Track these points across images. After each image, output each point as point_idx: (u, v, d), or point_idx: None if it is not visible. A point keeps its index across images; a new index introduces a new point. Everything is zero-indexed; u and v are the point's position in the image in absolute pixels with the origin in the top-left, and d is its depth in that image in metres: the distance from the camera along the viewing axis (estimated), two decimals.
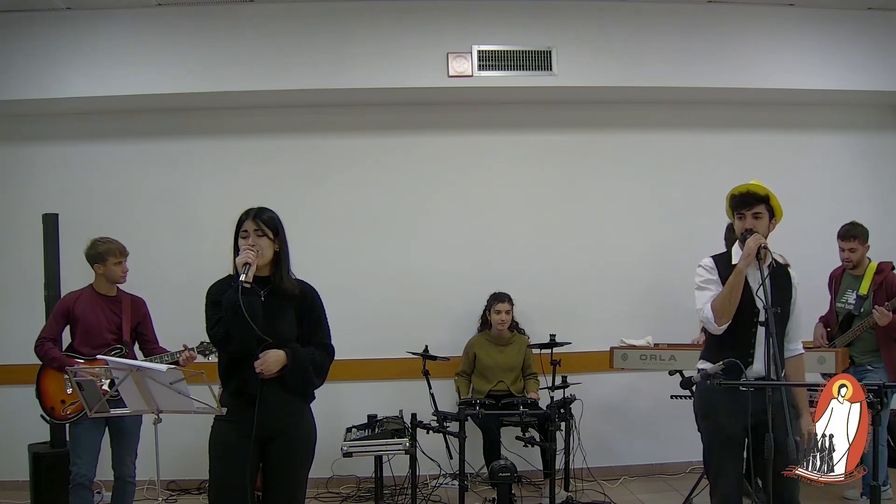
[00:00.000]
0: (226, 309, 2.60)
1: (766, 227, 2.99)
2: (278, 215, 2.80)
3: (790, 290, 3.04)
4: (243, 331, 2.56)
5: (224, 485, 2.66)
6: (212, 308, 2.71)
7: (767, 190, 3.00)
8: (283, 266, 2.77)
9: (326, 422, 4.88)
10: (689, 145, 5.43)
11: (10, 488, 4.83)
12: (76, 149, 5.19)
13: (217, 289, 2.74)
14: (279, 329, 2.69)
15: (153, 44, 4.85)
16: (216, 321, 2.65)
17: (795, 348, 3.08)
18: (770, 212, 3.01)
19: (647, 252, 5.31)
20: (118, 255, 3.85)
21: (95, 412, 2.83)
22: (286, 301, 2.75)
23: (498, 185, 5.33)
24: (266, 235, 2.71)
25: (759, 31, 5.13)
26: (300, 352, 2.73)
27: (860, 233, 4.32)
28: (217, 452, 2.69)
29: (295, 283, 2.81)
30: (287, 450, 2.75)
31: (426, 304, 5.20)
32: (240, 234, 2.74)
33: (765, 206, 3.00)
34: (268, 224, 2.72)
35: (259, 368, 2.62)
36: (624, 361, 4.58)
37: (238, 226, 2.75)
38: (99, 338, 3.81)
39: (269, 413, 2.65)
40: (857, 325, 4.26)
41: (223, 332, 2.62)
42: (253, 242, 2.68)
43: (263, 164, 5.23)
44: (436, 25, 4.98)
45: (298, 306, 2.79)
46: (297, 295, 2.79)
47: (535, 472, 4.91)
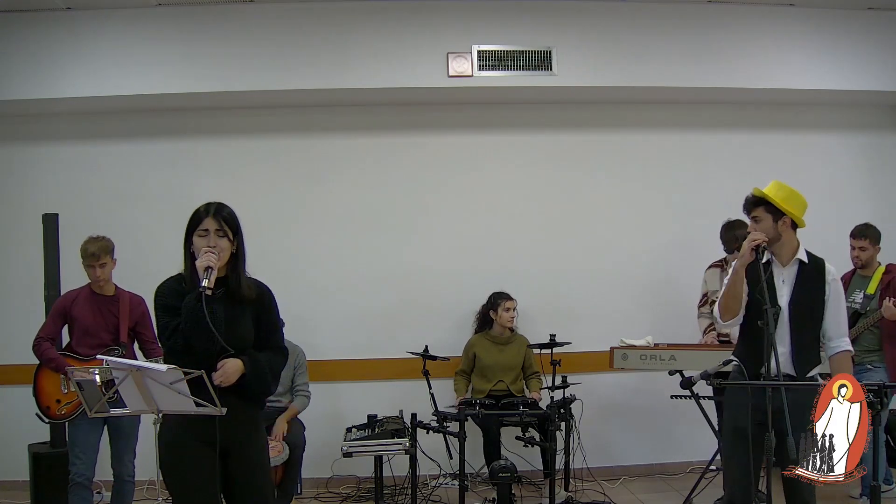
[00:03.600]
0: (186, 318, 2.40)
1: (769, 227, 3.01)
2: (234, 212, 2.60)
3: (821, 287, 3.02)
4: (206, 343, 2.39)
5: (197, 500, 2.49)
6: (164, 313, 2.48)
7: (763, 193, 3.03)
8: (241, 268, 2.58)
9: (326, 422, 4.95)
10: (689, 145, 5.43)
11: (10, 488, 4.82)
12: (76, 149, 5.19)
13: (169, 291, 2.52)
14: (238, 335, 2.52)
15: (153, 44, 4.85)
16: (172, 330, 2.44)
17: (836, 346, 3.02)
18: (774, 213, 3.01)
19: (647, 252, 5.31)
20: (89, 259, 3.78)
21: (95, 412, 2.83)
22: (243, 304, 2.56)
23: (498, 184, 5.33)
24: (226, 236, 2.51)
25: (759, 31, 5.12)
26: (258, 359, 2.56)
27: (872, 234, 4.34)
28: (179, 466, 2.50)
29: (252, 286, 2.62)
30: (248, 464, 2.58)
31: (426, 304, 5.19)
32: (196, 231, 2.51)
33: (763, 209, 3.02)
34: (228, 222, 2.52)
35: (218, 381, 2.43)
36: (624, 361, 4.57)
37: (194, 222, 2.52)
38: (96, 337, 3.81)
39: (226, 424, 2.44)
40: (861, 323, 4.27)
41: (182, 343, 2.42)
42: (214, 243, 2.48)
43: (263, 164, 5.23)
44: (436, 25, 4.97)
45: (255, 309, 2.60)
46: (254, 298, 2.60)
47: (535, 472, 4.91)
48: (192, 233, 2.53)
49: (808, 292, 3.01)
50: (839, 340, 3.03)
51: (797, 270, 3.04)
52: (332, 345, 5.13)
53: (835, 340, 3.03)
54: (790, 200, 3.03)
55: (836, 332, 3.03)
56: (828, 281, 3.03)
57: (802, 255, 3.06)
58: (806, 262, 3.05)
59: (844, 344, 3.03)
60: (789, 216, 3.02)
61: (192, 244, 2.54)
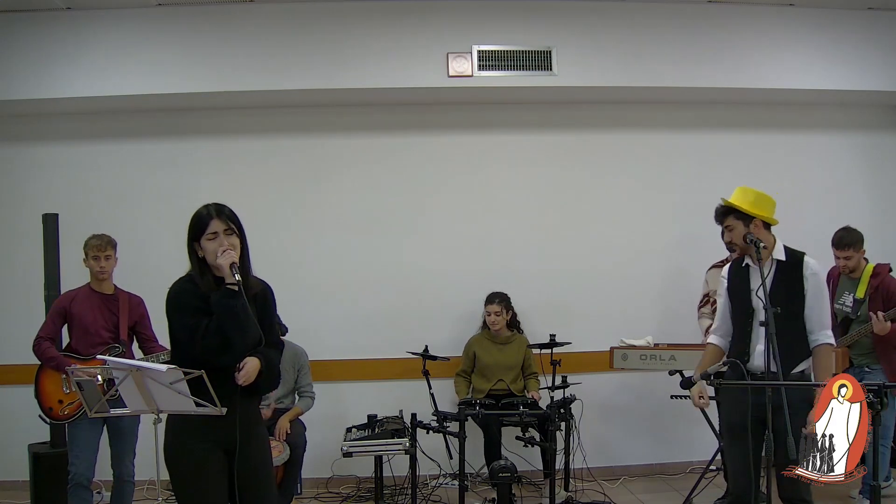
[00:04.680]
0: (224, 316, 2.42)
1: (740, 234, 3.14)
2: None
3: (799, 282, 3.08)
4: (246, 338, 2.45)
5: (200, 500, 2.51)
6: (188, 314, 2.47)
7: (729, 202, 3.17)
8: (247, 264, 2.61)
9: (326, 422, 4.95)
10: (689, 145, 5.43)
11: (10, 488, 4.83)
12: (76, 149, 5.19)
13: (187, 292, 2.53)
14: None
15: (153, 44, 4.85)
16: (205, 329, 2.43)
17: (815, 339, 3.08)
18: (744, 218, 3.13)
19: (647, 252, 5.31)
20: (94, 250, 3.82)
21: (95, 412, 2.82)
22: (251, 301, 2.57)
23: (498, 184, 5.33)
24: (235, 233, 2.55)
25: (759, 31, 5.12)
26: (270, 356, 2.62)
27: (854, 240, 4.24)
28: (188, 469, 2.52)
29: (256, 281, 2.66)
30: (253, 458, 2.61)
31: (426, 304, 5.20)
32: (205, 236, 2.52)
33: (733, 217, 3.16)
34: (233, 220, 2.56)
35: (242, 380, 2.47)
36: (624, 361, 4.58)
37: (199, 227, 2.53)
38: (96, 336, 3.81)
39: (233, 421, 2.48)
40: (854, 331, 4.24)
41: (220, 342, 2.42)
42: (231, 243, 2.52)
43: (263, 164, 5.23)
44: (436, 25, 4.97)
45: (258, 305, 2.63)
46: (258, 293, 2.64)
47: (535, 472, 4.91)
48: (199, 237, 2.54)
49: (785, 289, 3.07)
50: (819, 333, 3.08)
51: (775, 269, 3.13)
52: (332, 345, 5.13)
53: (815, 333, 3.08)
54: (757, 203, 3.14)
55: (816, 326, 3.09)
56: (805, 276, 3.08)
57: (779, 253, 3.15)
58: (784, 259, 3.13)
59: (823, 337, 3.08)
60: (759, 218, 3.12)
61: (198, 248, 2.55)
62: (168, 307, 2.56)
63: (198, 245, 2.55)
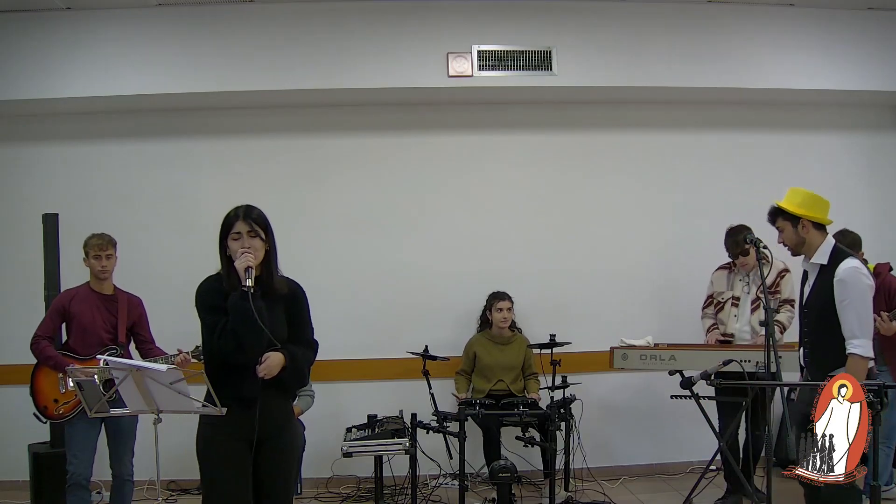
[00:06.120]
0: (235, 318, 2.50)
1: (790, 234, 3.17)
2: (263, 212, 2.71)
3: (830, 288, 3.04)
4: (256, 339, 2.50)
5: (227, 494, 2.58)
6: (209, 313, 2.59)
7: (778, 203, 3.19)
8: (273, 265, 2.70)
9: (326, 422, 4.95)
10: (690, 145, 5.43)
11: (10, 488, 4.83)
12: (76, 149, 5.19)
13: (211, 291, 2.63)
14: (275, 332, 2.62)
15: (153, 44, 4.85)
16: (221, 329, 2.53)
17: (846, 348, 3.00)
18: (792, 219, 3.14)
19: (647, 252, 5.31)
20: (95, 249, 3.82)
21: (95, 412, 2.83)
22: (277, 301, 2.68)
23: (498, 184, 5.33)
24: (258, 236, 2.63)
25: (759, 31, 5.12)
26: (296, 352, 2.69)
27: (852, 242, 4.23)
28: (213, 460, 2.60)
29: (283, 282, 2.75)
30: (279, 453, 2.69)
31: (426, 304, 5.19)
32: (230, 235, 2.63)
33: (782, 219, 3.17)
34: (259, 223, 2.64)
35: (262, 373, 2.55)
36: (624, 361, 4.57)
37: (226, 227, 2.65)
38: (94, 336, 3.80)
39: (264, 415, 2.58)
40: None
41: (234, 342, 2.51)
42: (249, 245, 2.59)
43: (263, 164, 5.23)
44: (436, 25, 4.97)
45: (287, 305, 2.73)
46: (287, 294, 2.73)
47: (535, 472, 4.91)
48: (226, 236, 2.64)
49: (820, 295, 3.05)
50: (847, 342, 3.00)
51: (817, 272, 3.13)
52: (332, 345, 5.08)
53: (846, 342, 3.00)
54: (805, 204, 3.14)
55: (846, 334, 3.01)
56: (834, 282, 3.03)
57: (821, 257, 3.11)
58: (825, 263, 3.09)
59: (850, 346, 2.99)
60: (806, 218, 3.11)
61: (226, 247, 2.64)
62: (195, 303, 2.65)
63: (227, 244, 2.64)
